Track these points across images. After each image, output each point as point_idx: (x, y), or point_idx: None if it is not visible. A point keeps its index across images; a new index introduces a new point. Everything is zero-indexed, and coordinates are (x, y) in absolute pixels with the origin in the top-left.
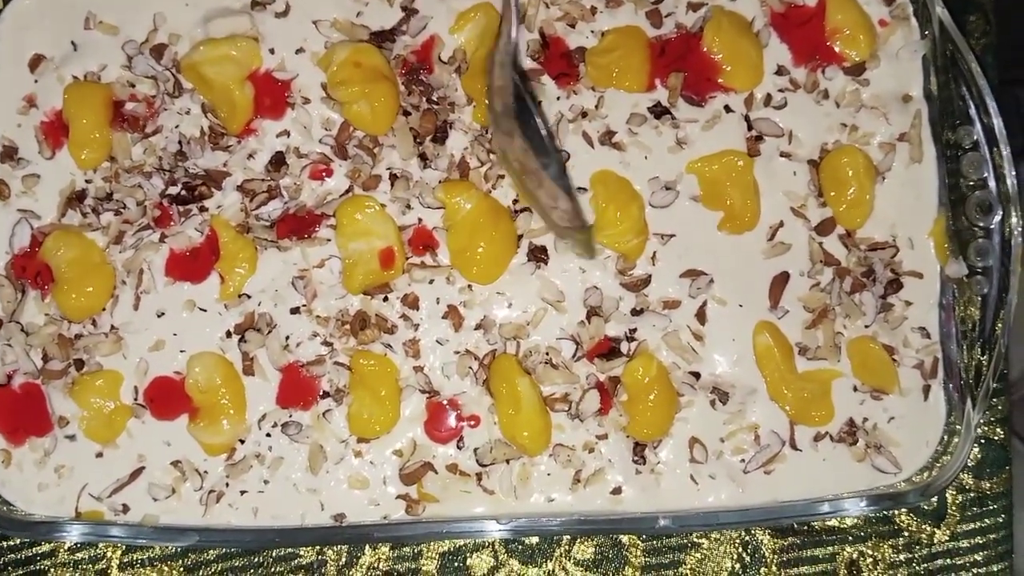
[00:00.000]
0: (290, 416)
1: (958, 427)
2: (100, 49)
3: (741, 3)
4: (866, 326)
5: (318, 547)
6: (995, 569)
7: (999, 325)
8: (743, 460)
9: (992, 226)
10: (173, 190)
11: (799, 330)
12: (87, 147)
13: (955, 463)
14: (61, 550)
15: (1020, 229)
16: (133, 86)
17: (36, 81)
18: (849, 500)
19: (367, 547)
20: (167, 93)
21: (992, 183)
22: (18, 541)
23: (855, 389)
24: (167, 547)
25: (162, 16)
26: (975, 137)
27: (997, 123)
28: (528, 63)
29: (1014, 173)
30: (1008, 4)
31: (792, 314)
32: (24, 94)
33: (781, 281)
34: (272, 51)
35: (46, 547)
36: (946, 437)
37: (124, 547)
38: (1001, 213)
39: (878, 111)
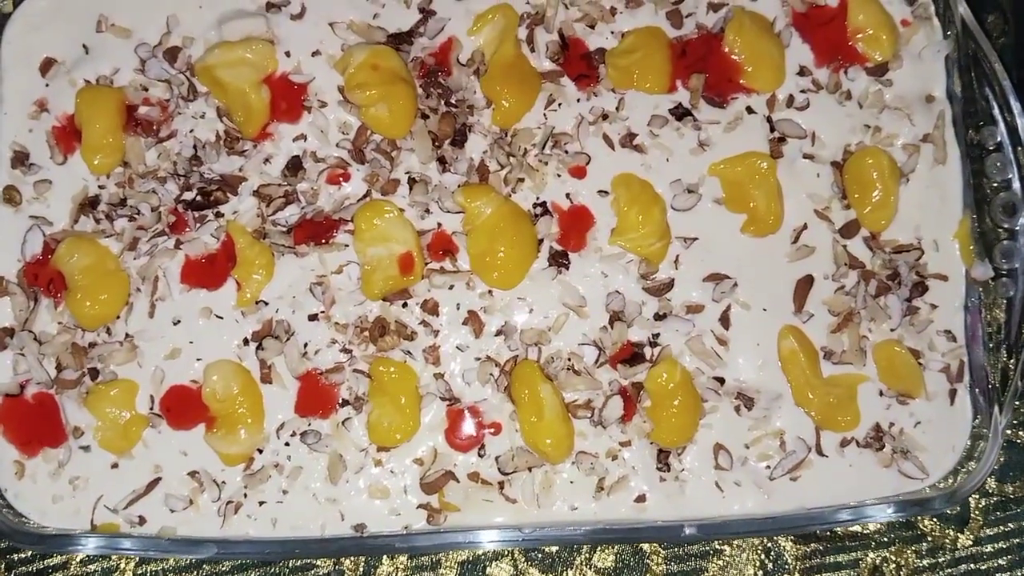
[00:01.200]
0: (309, 425)
1: (984, 431)
2: (112, 52)
3: (762, 3)
4: (891, 330)
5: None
6: (1019, 574)
7: None
8: (769, 466)
9: (1017, 227)
10: (188, 195)
11: (824, 334)
12: (100, 152)
13: (982, 468)
14: (73, 562)
15: None
16: (146, 90)
17: (47, 85)
18: (876, 506)
19: (385, 557)
20: (181, 97)
21: (1017, 184)
22: (29, 554)
23: (881, 394)
24: (181, 559)
25: (175, 18)
26: (999, 138)
27: (1021, 123)
28: (548, 65)
29: None
30: None
31: (817, 318)
32: (35, 98)
33: (805, 284)
34: (288, 54)
35: (57, 559)
36: (970, 442)
37: (137, 559)
38: None
39: (901, 112)
